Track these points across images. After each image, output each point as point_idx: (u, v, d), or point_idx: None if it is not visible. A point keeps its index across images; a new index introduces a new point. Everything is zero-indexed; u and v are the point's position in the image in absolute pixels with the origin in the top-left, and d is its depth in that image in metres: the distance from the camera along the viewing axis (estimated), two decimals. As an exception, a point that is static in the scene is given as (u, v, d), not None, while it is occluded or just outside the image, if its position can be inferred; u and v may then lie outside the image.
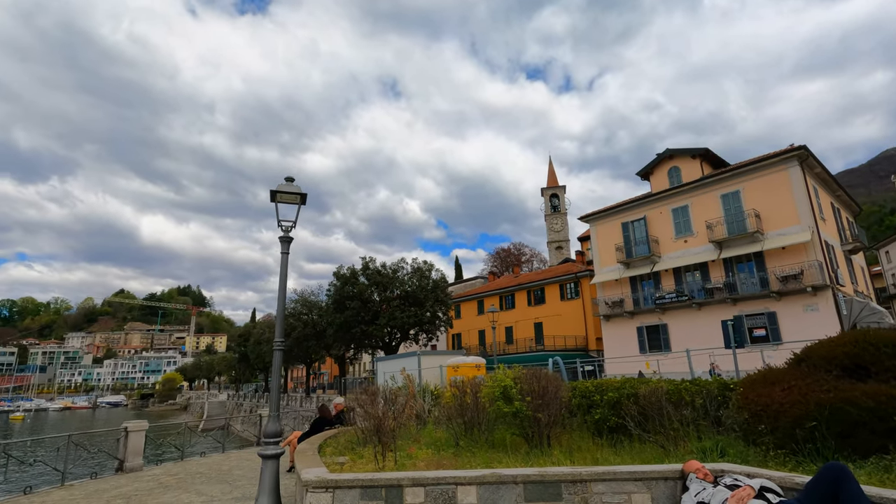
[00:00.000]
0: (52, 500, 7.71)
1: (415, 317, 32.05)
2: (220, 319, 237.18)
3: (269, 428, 5.48)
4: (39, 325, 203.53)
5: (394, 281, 33.66)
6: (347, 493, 4.03)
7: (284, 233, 6.17)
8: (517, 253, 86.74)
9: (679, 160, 28.33)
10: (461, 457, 5.53)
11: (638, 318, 28.30)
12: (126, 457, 10.15)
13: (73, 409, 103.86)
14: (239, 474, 9.44)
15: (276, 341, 5.89)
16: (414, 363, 16.93)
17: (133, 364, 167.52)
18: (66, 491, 8.40)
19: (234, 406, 58.29)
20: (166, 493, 7.96)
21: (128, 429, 10.27)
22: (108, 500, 7.53)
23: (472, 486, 3.98)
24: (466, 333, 45.68)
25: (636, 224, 29.21)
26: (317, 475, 4.19)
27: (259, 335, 55.34)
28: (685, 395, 5.54)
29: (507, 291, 43.23)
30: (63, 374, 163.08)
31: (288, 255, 6.17)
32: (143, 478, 9.48)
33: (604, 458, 5.11)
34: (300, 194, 6.23)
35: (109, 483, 9.04)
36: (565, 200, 75.00)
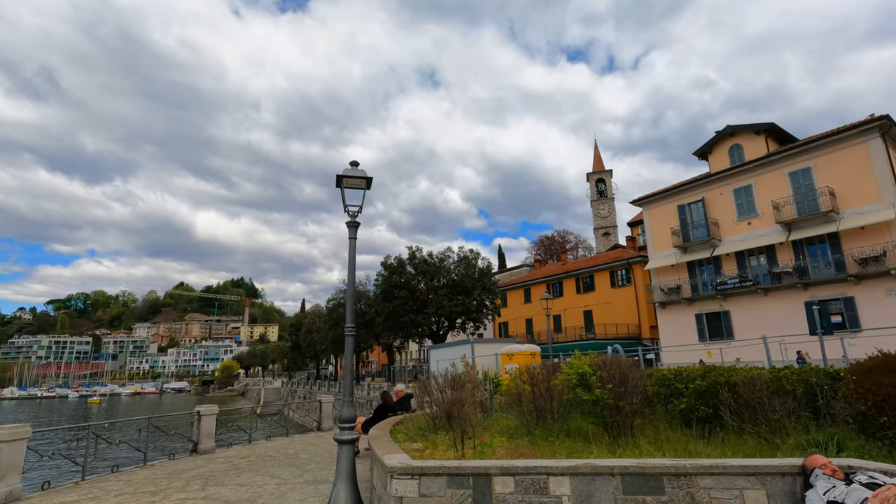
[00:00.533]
0: (137, 479, 8.12)
1: (462, 305, 31.96)
2: (271, 310, 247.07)
3: (345, 413, 5.46)
4: (110, 317, 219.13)
5: (440, 270, 33.66)
6: (434, 481, 3.91)
7: (352, 218, 6.11)
8: (561, 240, 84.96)
9: (741, 137, 26.58)
10: (538, 446, 5.31)
11: (696, 304, 27.00)
12: (199, 439, 10.60)
13: (142, 394, 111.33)
14: (306, 458, 9.64)
15: (347, 327, 5.85)
16: (467, 351, 16.81)
17: (194, 352, 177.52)
18: (149, 470, 8.84)
19: (288, 392, 60.57)
20: (240, 474, 8.21)
21: (200, 413, 10.70)
22: (188, 480, 7.84)
23: (564, 476, 3.77)
24: (513, 322, 45.27)
25: (693, 206, 27.75)
26: (401, 462, 4.09)
27: (310, 324, 57.09)
28: (785, 383, 5.07)
29: (554, 279, 42.40)
30: (132, 362, 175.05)
31: (356, 241, 6.10)
32: (216, 459, 9.86)
33: (696, 450, 4.76)
34: (366, 178, 6.13)
35: (186, 464, 9.45)
36: (612, 185, 72.61)
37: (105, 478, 8.31)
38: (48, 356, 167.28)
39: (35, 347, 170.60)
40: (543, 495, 3.75)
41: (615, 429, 5.45)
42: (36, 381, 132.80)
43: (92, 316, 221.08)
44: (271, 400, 62.00)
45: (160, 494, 6.94)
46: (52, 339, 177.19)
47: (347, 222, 6.12)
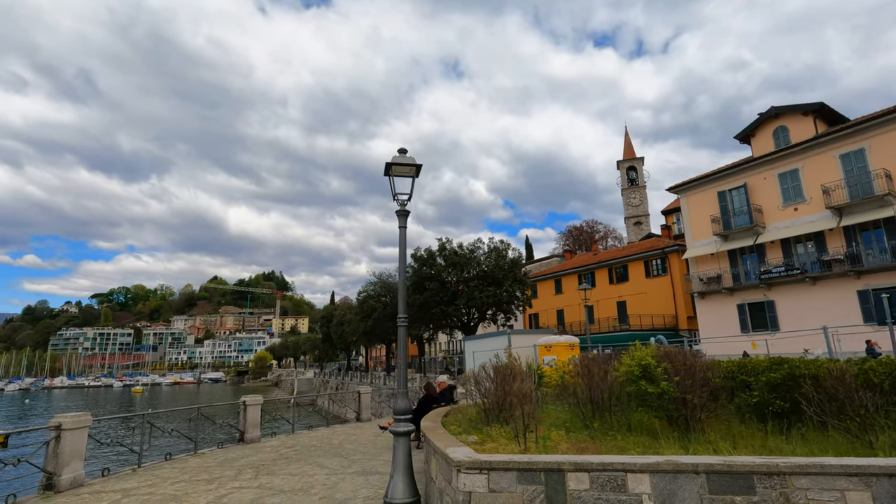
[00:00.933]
0: (190, 467, 8.29)
1: (493, 296, 31.71)
2: (301, 302, 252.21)
3: (400, 405, 5.37)
4: (149, 310, 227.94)
5: (471, 261, 33.46)
6: (503, 476, 3.76)
7: (401, 206, 5.98)
8: (590, 231, 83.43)
9: (787, 118, 25.31)
10: (598, 440, 5.10)
11: (738, 294, 26.02)
12: (246, 428, 10.79)
13: (181, 383, 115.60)
14: (350, 448, 9.68)
15: (400, 317, 5.74)
16: (503, 342, 16.62)
17: (228, 344, 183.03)
18: (201, 459, 9.03)
19: (320, 383, 61.76)
20: (289, 464, 8.28)
21: (246, 403, 10.88)
22: (239, 469, 7.95)
23: (644, 473, 3.56)
24: (544, 313, 44.76)
25: (735, 192, 26.65)
26: (467, 455, 3.96)
27: (341, 316, 57.85)
28: (872, 376, 4.70)
29: (586, 269, 41.66)
30: (171, 353, 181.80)
31: (406, 229, 5.98)
32: (263, 449, 10.01)
33: (777, 446, 4.46)
34: (415, 165, 5.99)
35: (235, 452, 9.62)
36: (643, 173, 70.75)
37: (160, 465, 8.53)
38: (93, 347, 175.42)
39: (81, 339, 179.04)
40: (621, 493, 3.55)
41: (680, 423, 5.19)
42: (83, 371, 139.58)
43: (133, 309, 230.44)
44: (305, 390, 63.35)
45: (215, 483, 7.04)
46: (96, 331, 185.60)
47: (397, 211, 6.00)
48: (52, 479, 6.79)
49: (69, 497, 6.49)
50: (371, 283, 44.84)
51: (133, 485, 7.10)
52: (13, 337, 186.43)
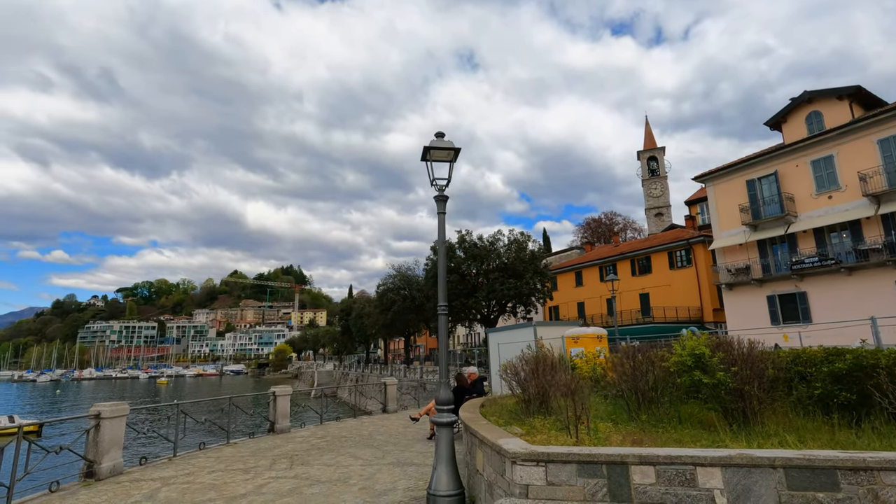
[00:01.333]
0: (224, 456, 8.31)
1: (514, 289, 31.44)
2: (319, 296, 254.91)
3: (442, 395, 5.23)
4: (172, 303, 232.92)
5: (491, 253, 33.21)
6: (563, 469, 3.59)
7: (439, 192, 5.80)
8: (609, 223, 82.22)
9: (821, 103, 24.36)
10: (650, 433, 4.89)
11: (768, 285, 25.29)
12: (276, 419, 10.81)
13: (204, 375, 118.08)
14: (381, 439, 9.61)
15: (441, 305, 5.59)
16: (528, 334, 16.36)
17: (249, 337, 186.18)
18: (234, 448, 9.06)
19: (340, 375, 62.33)
20: (322, 454, 8.24)
21: (276, 393, 10.89)
22: (273, 459, 7.93)
23: (715, 467, 3.35)
24: (564, 306, 44.32)
25: (764, 181, 25.83)
26: (522, 447, 3.79)
27: (360, 309, 58.25)
28: (949, 367, 4.39)
29: (607, 261, 41.04)
30: (194, 346, 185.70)
31: (445, 215, 5.81)
32: (294, 438, 10.01)
33: (847, 440, 4.20)
34: (453, 149, 5.80)
35: (267, 442, 9.63)
36: (664, 163, 69.34)
37: (195, 454, 8.57)
38: (119, 340, 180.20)
39: (108, 332, 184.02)
40: (691, 488, 3.35)
41: (737, 416, 4.94)
42: (110, 363, 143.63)
43: (156, 303, 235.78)
44: (325, 382, 64.04)
45: (251, 472, 7.02)
46: (122, 324, 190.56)
47: (436, 196, 5.82)
48: (92, 466, 6.84)
49: (109, 485, 6.53)
50: (390, 276, 44.98)
51: (171, 473, 7.12)
52: (44, 330, 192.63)
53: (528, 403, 6.18)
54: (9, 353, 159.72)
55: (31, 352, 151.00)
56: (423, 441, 9.21)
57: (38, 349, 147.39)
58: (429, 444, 8.79)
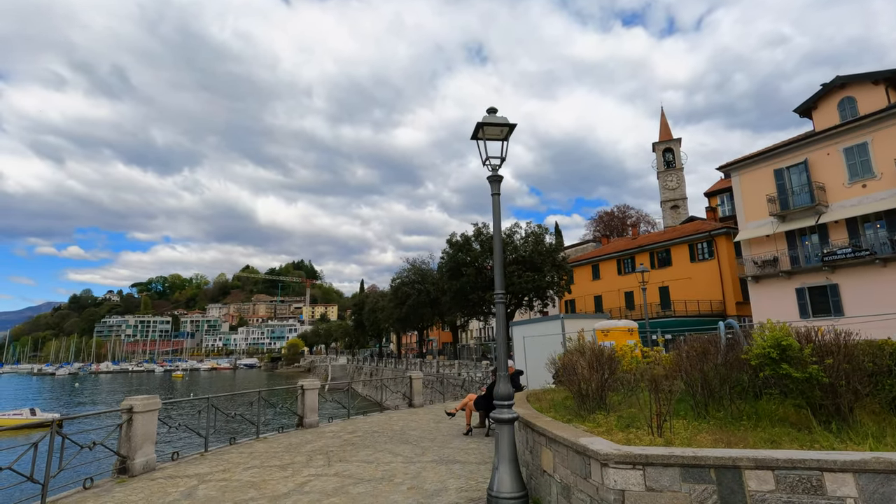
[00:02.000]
0: (257, 452, 8.03)
1: (532, 282, 30.95)
2: (330, 291, 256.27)
3: (502, 390, 4.84)
4: (186, 298, 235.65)
5: (507, 246, 32.72)
6: (663, 473, 3.19)
7: (493, 171, 5.39)
8: (621, 216, 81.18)
9: (854, 88, 23.48)
10: (731, 431, 4.46)
11: (797, 278, 24.55)
12: (304, 413, 10.53)
13: (218, 369, 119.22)
14: (415, 435, 9.28)
15: (497, 293, 5.20)
16: (555, 327, 15.95)
17: (261, 331, 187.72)
18: (265, 443, 8.78)
19: (354, 369, 62.37)
20: (358, 450, 7.92)
21: (304, 387, 10.61)
22: (309, 455, 7.63)
23: (846, 473, 2.93)
24: (581, 299, 43.74)
25: (793, 170, 25.02)
26: (614, 448, 3.40)
27: (373, 303, 58.12)
28: None
29: (625, 254, 40.37)
30: (207, 340, 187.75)
31: (499, 196, 5.40)
32: (324, 434, 9.72)
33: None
34: (508, 125, 5.38)
35: (297, 437, 9.35)
36: (681, 155, 68.12)
37: (226, 450, 8.31)
38: (135, 334, 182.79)
39: (123, 326, 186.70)
40: (818, 496, 2.94)
41: (828, 413, 4.50)
42: (126, 357, 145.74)
43: (170, 297, 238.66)
44: (338, 376, 64.18)
45: (289, 469, 6.71)
46: (137, 318, 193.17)
47: (489, 177, 5.41)
48: (125, 462, 6.58)
49: (144, 481, 6.26)
50: (404, 270, 44.68)
51: (205, 470, 6.84)
52: (61, 324, 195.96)
53: (585, 399, 5.78)
54: (28, 346, 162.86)
55: (50, 345, 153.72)
56: (460, 437, 8.87)
57: (57, 343, 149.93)
58: (467, 441, 8.44)
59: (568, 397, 6.82)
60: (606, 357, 6.00)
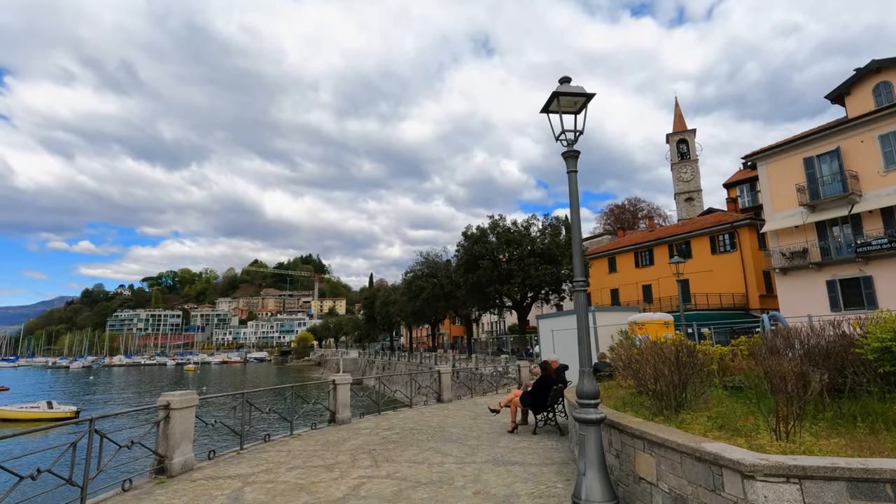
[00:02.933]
0: (295, 450, 7.63)
1: (551, 275, 30.40)
2: (338, 285, 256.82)
3: (587, 387, 4.36)
4: (196, 292, 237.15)
5: (525, 238, 32.19)
6: (826, 488, 2.70)
7: (569, 146, 4.88)
8: (633, 209, 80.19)
9: (891, 73, 22.58)
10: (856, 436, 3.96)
11: (828, 269, 23.80)
12: (337, 409, 10.13)
13: (229, 363, 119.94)
14: (456, 432, 8.83)
15: (578, 280, 4.71)
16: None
17: (271, 325, 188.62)
18: (301, 441, 8.39)
19: (365, 363, 62.22)
20: (402, 449, 7.49)
21: (336, 382, 10.20)
22: (352, 455, 7.21)
23: None
24: (597, 293, 43.08)
25: (824, 158, 24.20)
26: (759, 458, 2.90)
27: (385, 297, 57.83)
28: None
29: (643, 247, 39.67)
30: (217, 334, 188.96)
31: (576, 174, 4.89)
32: (360, 430, 9.31)
33: None
34: (585, 95, 4.85)
35: (333, 434, 8.95)
36: (695, 146, 67.00)
37: (262, 448, 7.91)
38: (146, 328, 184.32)
39: (135, 320, 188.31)
40: None
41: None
42: (138, 350, 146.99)
43: (180, 292, 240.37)
44: (350, 370, 64.14)
45: (335, 470, 6.29)
46: (148, 312, 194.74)
47: (565, 153, 4.90)
48: (163, 462, 6.20)
49: (184, 483, 5.87)
50: (417, 263, 44.24)
51: (246, 470, 6.44)
52: (74, 318, 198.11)
53: (663, 397, 5.29)
54: (42, 340, 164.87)
55: (63, 339, 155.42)
56: (506, 434, 8.42)
57: (70, 337, 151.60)
58: (516, 439, 7.99)
59: (633, 394, 6.34)
60: (688, 351, 5.49)
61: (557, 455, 6.79)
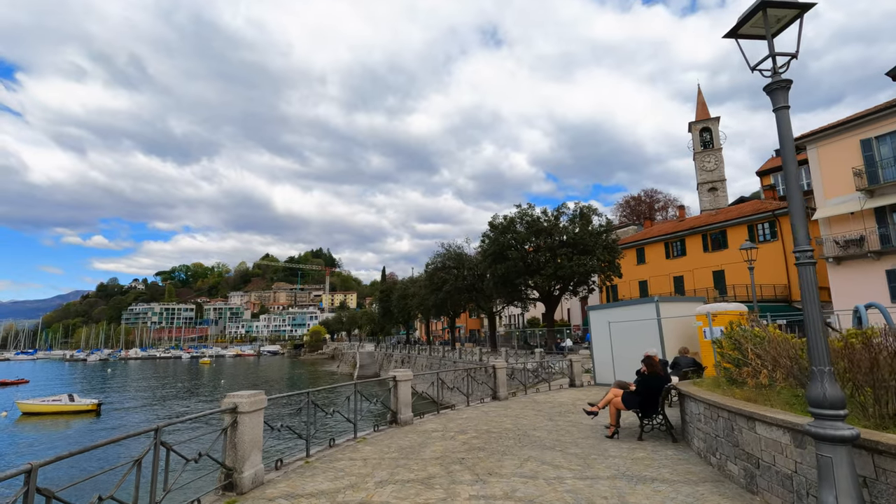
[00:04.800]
0: (370, 458, 6.60)
1: (584, 266, 29.08)
2: (349, 279, 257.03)
3: (831, 392, 3.21)
4: (208, 286, 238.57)
5: (555, 228, 30.90)
6: None
7: (774, 76, 3.69)
8: (649, 200, 78.40)
9: (962, 45, 20.97)
10: None
11: (888, 259, 22.36)
12: (398, 408, 9.10)
13: (242, 356, 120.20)
14: (547, 437, 7.73)
15: (802, 250, 3.55)
16: (648, 311, 14.24)
17: (283, 318, 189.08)
18: (370, 446, 7.35)
19: (383, 357, 61.45)
20: (498, 459, 6.41)
21: (397, 378, 9.16)
22: (442, 464, 6.15)
23: None
24: (624, 285, 41.71)
25: (884, 139, 22.65)
26: None
27: (403, 290, 56.87)
28: None
29: (674, 237, 38.23)
30: (230, 327, 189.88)
31: (788, 110, 3.72)
32: (429, 433, 8.26)
33: None
34: (801, 4, 3.66)
35: (401, 438, 7.91)
36: (719, 134, 65.05)
37: (331, 455, 6.88)
38: (160, 322, 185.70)
39: (149, 314, 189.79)
40: None
41: None
42: (153, 344, 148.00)
43: (193, 285, 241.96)
44: (367, 363, 63.33)
45: (436, 487, 5.22)
46: (162, 306, 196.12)
47: (771, 84, 3.72)
48: (231, 476, 5.17)
49: (260, 502, 4.83)
50: (438, 254, 43.11)
51: (327, 485, 5.40)
52: (90, 312, 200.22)
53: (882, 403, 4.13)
54: (59, 333, 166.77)
55: (80, 332, 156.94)
56: (605, 440, 7.31)
57: (87, 330, 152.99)
58: (623, 446, 6.89)
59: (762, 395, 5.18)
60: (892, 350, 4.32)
61: (696, 469, 5.67)
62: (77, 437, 25.67)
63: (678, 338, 13.92)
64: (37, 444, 23.96)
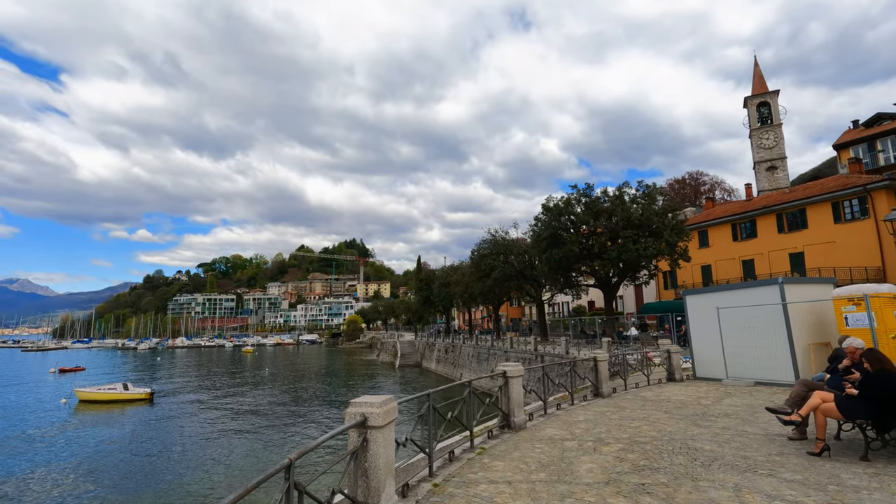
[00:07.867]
0: (510, 478, 5.14)
1: (651, 249, 26.84)
2: (382, 268, 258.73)
3: None
4: (247, 277, 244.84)
5: (618, 208, 28.66)
6: None
7: None
8: (694, 183, 74.40)
9: None
10: None
11: None
12: (511, 410, 7.60)
13: (282, 345, 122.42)
14: (724, 452, 6.04)
15: None
16: (766, 294, 12.20)
17: (319, 308, 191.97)
18: (500, 461, 5.85)
19: (424, 346, 60.57)
20: (687, 487, 4.79)
21: (507, 374, 7.63)
22: (619, 493, 4.58)
23: None
24: (684, 270, 38.93)
25: None
26: None
27: (444, 277, 55.64)
28: None
29: (742, 217, 35.31)
30: (269, 317, 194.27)
31: None
32: (559, 443, 6.71)
33: None
34: None
35: (528, 448, 6.39)
36: (779, 109, 60.43)
37: (458, 473, 5.43)
38: (203, 312, 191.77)
39: (193, 304, 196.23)
40: None
41: None
42: (197, 333, 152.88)
43: (232, 277, 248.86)
44: (407, 352, 62.62)
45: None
46: (205, 297, 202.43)
47: None
48: (363, 513, 3.75)
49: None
50: (485, 241, 41.45)
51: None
52: (138, 302, 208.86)
53: None
54: (111, 323, 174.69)
55: (130, 322, 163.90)
56: (807, 455, 5.60)
57: (136, 320, 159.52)
58: (848, 468, 5.15)
59: None
60: None
61: None
62: (132, 425, 25.73)
63: (808, 326, 11.87)
64: (92, 436, 23.91)
